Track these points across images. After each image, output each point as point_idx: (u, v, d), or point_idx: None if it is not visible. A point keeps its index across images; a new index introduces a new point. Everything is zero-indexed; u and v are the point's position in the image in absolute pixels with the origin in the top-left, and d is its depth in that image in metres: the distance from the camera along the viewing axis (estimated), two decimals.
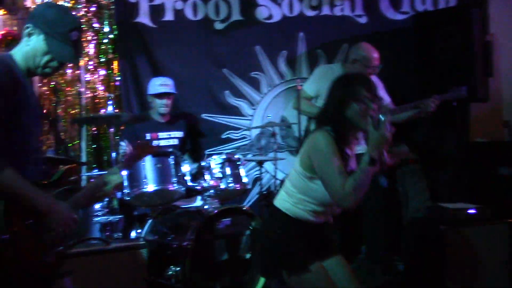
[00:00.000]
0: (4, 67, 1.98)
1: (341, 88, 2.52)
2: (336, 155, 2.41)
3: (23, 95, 2.01)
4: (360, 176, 2.33)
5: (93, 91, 4.68)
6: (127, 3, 4.75)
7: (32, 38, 2.09)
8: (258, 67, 4.92)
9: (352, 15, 5.01)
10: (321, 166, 2.43)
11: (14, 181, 1.91)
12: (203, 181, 3.82)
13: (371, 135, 2.34)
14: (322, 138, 2.44)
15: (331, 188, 2.39)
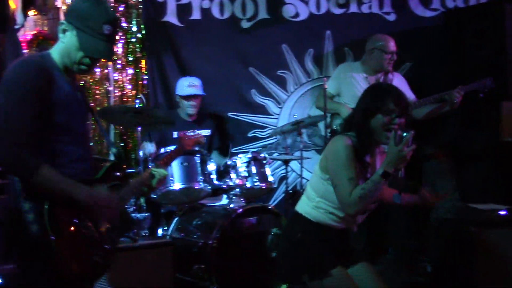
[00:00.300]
0: (32, 70, 1.95)
1: (370, 97, 2.51)
2: (352, 161, 2.40)
3: (58, 94, 1.97)
4: (369, 186, 2.32)
5: (121, 90, 4.74)
6: (155, 2, 4.81)
7: (67, 35, 2.04)
8: (284, 65, 4.91)
9: (381, 13, 4.95)
10: (333, 169, 2.44)
11: (52, 177, 1.89)
12: (229, 180, 3.84)
13: (389, 149, 2.32)
14: (342, 143, 2.44)
15: (338, 193, 2.40)
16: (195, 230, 3.70)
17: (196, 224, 3.75)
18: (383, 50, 4.15)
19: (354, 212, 2.39)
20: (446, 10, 4.92)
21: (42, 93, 1.92)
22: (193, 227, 3.74)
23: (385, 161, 2.32)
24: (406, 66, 4.90)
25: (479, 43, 4.46)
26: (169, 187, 3.68)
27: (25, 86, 1.91)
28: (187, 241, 3.65)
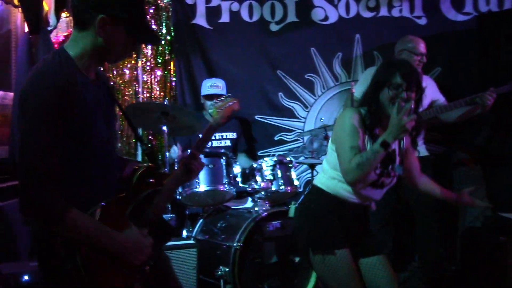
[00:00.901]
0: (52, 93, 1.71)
1: (380, 71, 2.54)
2: (356, 131, 2.43)
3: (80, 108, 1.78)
4: (368, 154, 2.36)
5: (149, 91, 4.80)
6: (185, 5, 4.86)
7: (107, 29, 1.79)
8: (312, 69, 4.90)
9: (411, 16, 4.88)
10: (338, 138, 2.49)
11: (78, 224, 1.73)
12: (254, 183, 3.84)
13: (391, 119, 2.36)
14: (348, 114, 2.49)
15: (340, 160, 2.45)
16: (219, 232, 3.71)
17: (220, 227, 3.76)
18: (412, 51, 4.08)
19: (353, 179, 2.40)
20: (479, 14, 4.82)
21: (63, 117, 1.72)
22: (218, 229, 3.75)
23: (386, 131, 2.36)
24: (436, 71, 4.83)
25: None
26: (194, 188, 3.70)
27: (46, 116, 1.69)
28: (211, 243, 3.66)
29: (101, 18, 1.77)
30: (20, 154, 1.71)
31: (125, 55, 1.98)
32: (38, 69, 1.80)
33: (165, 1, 4.89)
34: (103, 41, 1.81)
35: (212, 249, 3.63)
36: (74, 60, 1.82)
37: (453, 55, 4.83)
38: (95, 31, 1.79)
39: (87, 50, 1.83)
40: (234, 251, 3.45)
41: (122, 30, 1.82)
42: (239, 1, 4.87)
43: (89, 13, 1.78)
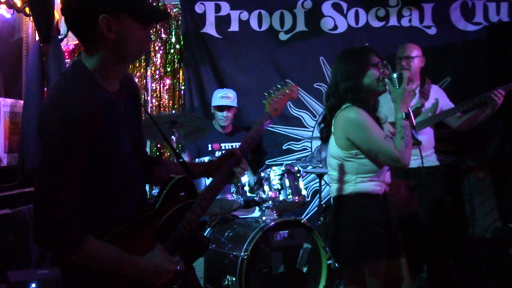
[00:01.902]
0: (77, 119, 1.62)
1: (353, 61, 2.58)
2: (374, 123, 2.51)
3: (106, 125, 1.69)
4: (403, 132, 2.45)
5: (158, 100, 4.83)
6: (194, 14, 4.90)
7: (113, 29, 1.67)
8: (321, 78, 4.90)
9: (421, 26, 4.88)
10: (365, 139, 2.48)
11: (95, 253, 1.66)
12: (262, 192, 3.84)
13: (393, 93, 2.52)
14: (353, 113, 2.51)
15: (384, 155, 2.46)
16: (226, 241, 3.70)
17: (227, 236, 3.76)
18: (398, 56, 4.08)
19: (408, 161, 2.47)
20: (489, 24, 4.81)
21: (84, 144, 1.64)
22: (225, 238, 3.74)
23: (396, 105, 2.50)
24: (446, 80, 4.81)
25: None
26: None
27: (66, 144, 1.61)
28: (219, 252, 3.66)
29: (103, 19, 1.65)
30: (37, 180, 1.65)
31: (144, 47, 1.82)
32: (59, 90, 1.70)
33: (174, 10, 4.93)
34: (116, 41, 1.68)
35: (219, 258, 3.62)
36: (92, 73, 1.72)
37: (463, 65, 4.81)
38: (102, 35, 1.67)
39: (103, 59, 1.72)
40: (241, 260, 3.44)
41: (128, 20, 1.69)
42: (248, 10, 4.89)
43: (89, 21, 1.66)
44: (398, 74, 2.52)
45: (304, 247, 3.71)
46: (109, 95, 1.75)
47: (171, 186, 1.90)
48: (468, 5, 4.84)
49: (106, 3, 1.66)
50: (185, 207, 1.91)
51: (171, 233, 1.86)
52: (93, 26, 1.66)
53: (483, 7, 4.84)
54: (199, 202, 1.94)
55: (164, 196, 1.88)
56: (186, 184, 1.95)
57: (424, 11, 4.87)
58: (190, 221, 1.90)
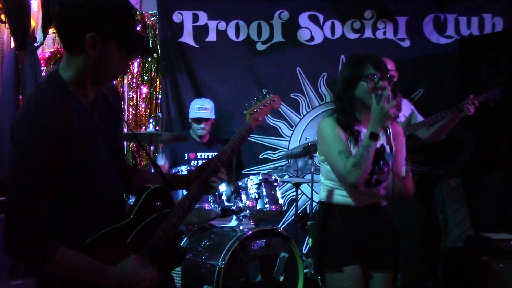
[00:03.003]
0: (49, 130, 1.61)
1: (349, 68, 2.54)
2: (338, 135, 2.46)
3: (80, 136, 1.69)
4: (360, 152, 2.36)
5: (135, 108, 4.81)
6: (172, 23, 4.90)
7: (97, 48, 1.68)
8: (298, 88, 4.95)
9: (395, 39, 4.97)
10: (324, 150, 2.52)
11: (67, 264, 1.64)
12: (239, 201, 3.83)
13: (373, 110, 2.37)
14: (324, 124, 2.53)
15: (334, 169, 2.46)
16: (203, 251, 3.68)
17: (205, 245, 3.74)
18: None
19: (354, 181, 2.37)
20: (460, 37, 4.92)
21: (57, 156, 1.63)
22: (202, 247, 3.72)
23: (371, 123, 2.36)
24: (419, 92, 4.90)
25: (494, 72, 4.44)
26: None
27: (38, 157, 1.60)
28: (196, 261, 3.63)
29: (90, 37, 1.65)
30: (9, 191, 1.63)
31: (119, 73, 1.87)
32: (32, 101, 1.68)
33: (152, 19, 4.93)
34: (95, 61, 1.69)
35: (196, 268, 3.59)
36: (68, 85, 1.71)
37: (436, 77, 4.92)
38: (86, 51, 1.67)
39: (80, 72, 1.72)
40: (219, 270, 3.42)
41: (114, 46, 1.69)
42: (226, 21, 4.91)
43: (77, 33, 1.66)
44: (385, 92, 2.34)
45: (281, 256, 3.71)
46: (84, 106, 1.75)
47: (147, 196, 1.90)
48: (441, 19, 4.95)
49: (100, 24, 1.67)
50: (161, 217, 1.90)
51: (147, 243, 1.85)
52: (79, 38, 1.67)
53: (454, 21, 4.96)
54: (176, 212, 1.93)
55: (139, 206, 1.87)
56: (162, 193, 1.94)
57: (398, 24, 4.96)
58: (166, 231, 1.89)
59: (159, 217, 1.89)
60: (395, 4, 4.96)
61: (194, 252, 3.72)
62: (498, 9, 4.94)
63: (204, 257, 3.61)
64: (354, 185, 2.41)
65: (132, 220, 1.84)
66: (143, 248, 1.84)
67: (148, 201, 1.90)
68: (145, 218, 1.87)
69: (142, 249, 1.83)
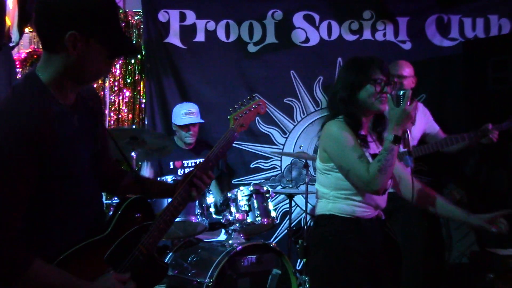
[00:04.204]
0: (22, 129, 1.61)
1: (354, 71, 2.56)
2: (353, 139, 2.46)
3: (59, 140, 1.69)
4: (384, 156, 2.36)
5: (117, 113, 4.82)
6: (157, 23, 4.91)
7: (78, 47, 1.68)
8: (292, 93, 4.98)
9: (395, 41, 5.02)
10: (338, 155, 2.48)
11: (41, 279, 1.64)
12: (228, 214, 3.84)
13: (391, 111, 2.39)
14: (334, 126, 2.51)
15: (353, 175, 2.43)
16: (190, 267, 3.69)
17: (191, 261, 3.74)
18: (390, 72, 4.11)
19: (379, 186, 2.37)
20: (465, 40, 4.98)
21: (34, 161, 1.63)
22: (188, 264, 3.73)
23: (391, 126, 2.40)
24: (421, 97, 4.94)
25: (500, 76, 4.49)
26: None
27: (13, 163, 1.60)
28: (181, 279, 3.64)
29: (71, 35, 1.65)
30: None
31: (102, 74, 1.89)
32: (7, 104, 1.69)
33: (136, 18, 4.94)
34: (76, 60, 1.69)
35: (182, 285, 3.60)
36: (47, 86, 1.72)
37: (439, 81, 4.97)
38: (66, 50, 1.67)
39: (60, 73, 1.72)
40: (206, 287, 3.42)
41: (96, 45, 1.70)
42: (215, 20, 4.93)
43: (57, 31, 1.67)
44: (403, 92, 2.39)
45: (273, 272, 3.72)
46: (63, 109, 1.75)
47: (126, 207, 1.89)
48: (444, 20, 5.01)
49: (81, 22, 1.67)
50: (141, 230, 1.90)
51: (126, 258, 1.85)
52: (59, 37, 1.67)
53: (458, 22, 5.01)
54: (157, 224, 1.93)
55: (118, 218, 1.87)
56: (142, 204, 1.95)
57: (399, 25, 5.01)
58: (146, 245, 1.89)
59: (139, 230, 1.90)
60: (395, 4, 5.02)
61: (180, 269, 3.72)
62: (505, 10, 5.00)
63: (191, 274, 3.62)
64: (378, 192, 2.42)
65: (110, 233, 1.84)
66: (122, 263, 1.83)
67: (127, 213, 1.90)
68: (124, 231, 1.86)
69: (121, 265, 1.83)
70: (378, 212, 2.60)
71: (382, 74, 2.50)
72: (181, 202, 2.02)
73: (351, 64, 2.63)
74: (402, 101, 2.37)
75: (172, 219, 1.98)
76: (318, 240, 2.59)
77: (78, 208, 1.79)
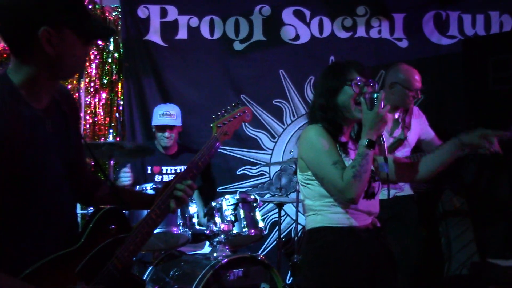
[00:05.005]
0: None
1: (331, 76, 2.58)
2: (330, 145, 2.46)
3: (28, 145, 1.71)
4: (358, 161, 2.37)
5: (93, 117, 4.80)
6: (137, 19, 4.91)
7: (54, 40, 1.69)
8: (281, 94, 4.98)
9: (391, 38, 5.04)
10: (313, 161, 2.48)
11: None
12: (213, 225, 3.81)
13: (365, 115, 2.41)
14: (311, 132, 2.52)
15: (328, 182, 2.43)
16: (172, 281, 3.66)
17: (173, 275, 3.71)
18: (406, 87, 4.00)
19: (354, 194, 2.37)
20: (464, 37, 5.01)
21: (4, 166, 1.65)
22: (170, 278, 3.70)
23: (364, 130, 2.40)
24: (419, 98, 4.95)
25: (502, 76, 4.52)
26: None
27: None
28: None
29: (43, 32, 1.66)
30: None
31: (80, 66, 1.91)
32: None
33: (113, 14, 4.92)
34: (53, 57, 1.70)
35: None
36: (18, 88, 1.73)
37: (436, 81, 4.98)
38: (39, 48, 1.68)
39: (32, 74, 1.73)
40: None
41: (70, 33, 1.72)
42: (198, 16, 4.93)
43: (25, 33, 1.67)
44: (376, 95, 2.40)
45: (261, 287, 3.71)
46: (35, 112, 1.76)
47: (99, 218, 1.90)
48: (442, 16, 5.04)
49: (50, 15, 1.67)
50: (115, 243, 1.90)
51: (99, 272, 1.84)
52: (31, 38, 1.68)
53: (457, 19, 5.05)
54: (133, 237, 1.93)
55: (91, 230, 1.87)
56: (117, 216, 1.95)
57: (395, 22, 5.04)
58: (121, 258, 1.89)
59: (114, 243, 1.90)
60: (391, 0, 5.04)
61: (161, 284, 3.70)
62: (507, 6, 5.04)
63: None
64: (353, 200, 2.41)
65: (82, 246, 1.83)
66: (95, 278, 1.83)
67: (100, 224, 1.90)
68: (97, 243, 1.86)
69: (93, 279, 1.82)
70: (372, 219, 2.59)
71: (360, 75, 2.51)
72: (160, 214, 2.00)
73: (329, 69, 2.66)
74: (376, 104, 2.39)
75: (150, 231, 1.98)
76: (312, 257, 2.58)
77: (49, 218, 1.78)
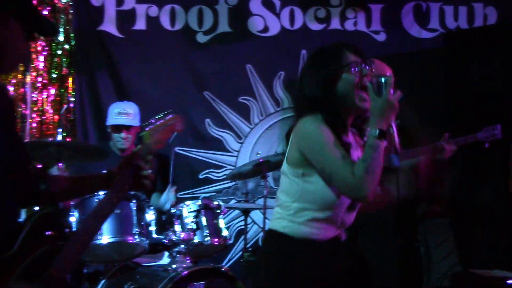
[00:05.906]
0: None
1: (323, 62, 2.46)
2: (334, 139, 2.37)
3: None
4: (369, 154, 2.28)
5: (40, 115, 4.74)
6: (90, 7, 4.87)
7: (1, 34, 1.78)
8: (248, 90, 4.99)
9: (368, 31, 5.08)
10: (318, 156, 2.38)
11: None
12: (172, 233, 3.79)
13: (373, 103, 2.31)
14: (312, 123, 2.40)
15: (337, 179, 2.34)
16: None
17: None
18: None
19: (367, 192, 2.29)
20: (446, 31, 5.06)
21: None
22: None
23: (373, 119, 2.31)
24: None
25: (485, 71, 4.57)
26: (94, 240, 3.61)
27: None
28: None
29: None
30: None
31: (23, 58, 2.00)
32: None
33: (63, 1, 4.85)
34: None
35: None
36: None
37: (416, 77, 5.01)
38: None
39: None
40: None
41: (16, 24, 1.78)
42: (158, 5, 4.92)
43: None
44: (385, 79, 2.28)
45: None
46: None
47: (34, 223, 1.89)
48: (422, 8, 5.09)
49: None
50: (52, 251, 1.90)
51: (34, 284, 1.84)
52: None
53: (439, 11, 5.11)
54: (72, 244, 1.93)
55: (26, 235, 1.86)
56: (54, 220, 1.96)
57: (372, 13, 5.07)
58: (59, 268, 1.89)
59: (51, 251, 1.90)
60: None
61: None
62: None
63: None
64: (366, 198, 2.33)
65: (16, 253, 1.83)
66: None
67: (36, 230, 1.89)
68: (32, 250, 1.86)
69: None
70: (338, 232, 2.55)
71: (355, 55, 2.40)
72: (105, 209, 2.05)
73: (316, 57, 2.54)
74: (385, 90, 2.28)
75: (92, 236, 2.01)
76: (263, 258, 2.59)
77: None
